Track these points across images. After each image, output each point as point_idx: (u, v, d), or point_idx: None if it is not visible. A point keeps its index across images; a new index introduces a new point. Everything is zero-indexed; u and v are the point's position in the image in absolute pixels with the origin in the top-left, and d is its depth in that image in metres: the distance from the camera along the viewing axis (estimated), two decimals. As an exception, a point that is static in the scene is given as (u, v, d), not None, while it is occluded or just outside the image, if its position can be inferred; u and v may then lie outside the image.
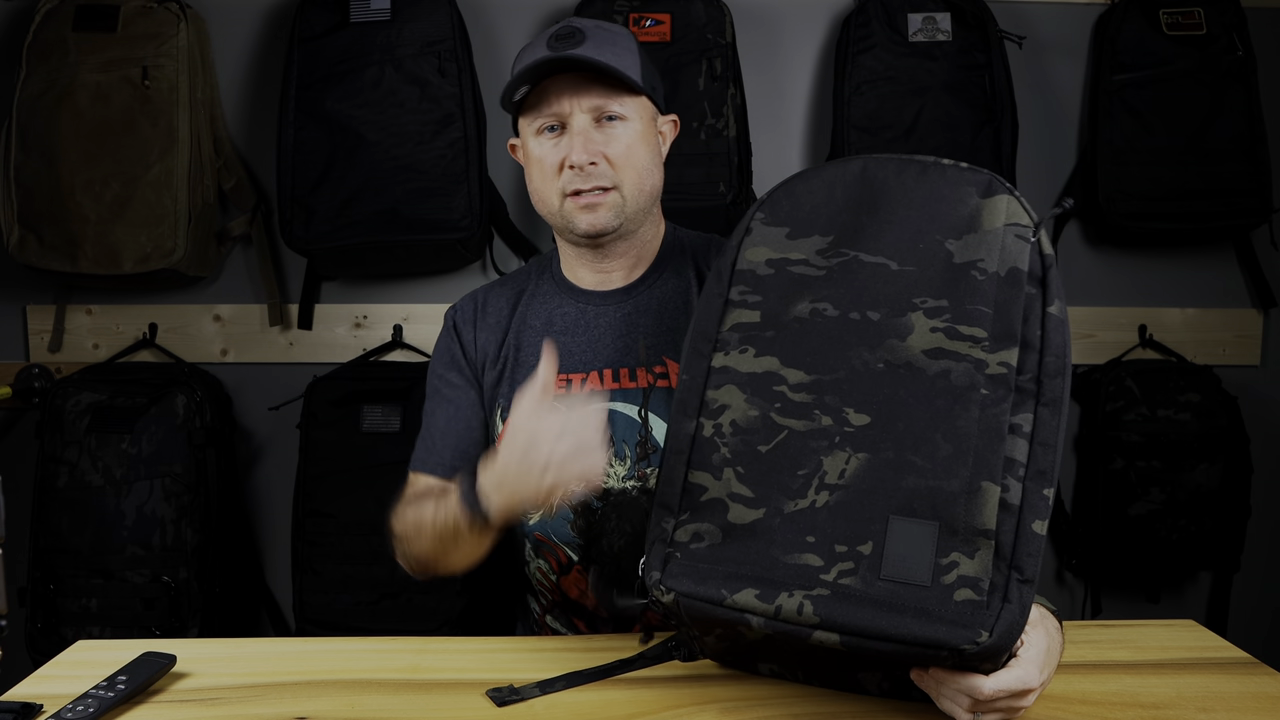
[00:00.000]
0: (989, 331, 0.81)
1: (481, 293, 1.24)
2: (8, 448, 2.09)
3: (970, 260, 0.83)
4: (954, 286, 0.83)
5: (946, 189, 0.86)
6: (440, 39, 1.88)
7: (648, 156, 1.12)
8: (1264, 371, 2.18)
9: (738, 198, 1.91)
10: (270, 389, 2.06)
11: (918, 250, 0.85)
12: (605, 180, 1.09)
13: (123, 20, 1.87)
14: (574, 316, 1.18)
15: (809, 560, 0.79)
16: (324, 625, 1.88)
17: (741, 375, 0.86)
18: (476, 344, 1.20)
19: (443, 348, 1.23)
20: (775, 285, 0.89)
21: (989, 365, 0.80)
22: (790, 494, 0.81)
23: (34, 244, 1.87)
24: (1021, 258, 0.82)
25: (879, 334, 0.83)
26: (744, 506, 0.82)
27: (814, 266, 0.88)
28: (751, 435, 0.84)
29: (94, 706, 0.84)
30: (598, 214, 1.10)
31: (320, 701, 0.89)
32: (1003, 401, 0.79)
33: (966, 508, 0.77)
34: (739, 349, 0.87)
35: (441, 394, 1.21)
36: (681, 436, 0.87)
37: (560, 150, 1.09)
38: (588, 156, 1.07)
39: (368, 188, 1.86)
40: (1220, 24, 1.98)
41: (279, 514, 2.09)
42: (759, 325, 0.88)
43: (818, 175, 0.91)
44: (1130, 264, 2.15)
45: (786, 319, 0.87)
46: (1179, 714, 0.86)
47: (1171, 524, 1.99)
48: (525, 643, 1.06)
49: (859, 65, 1.96)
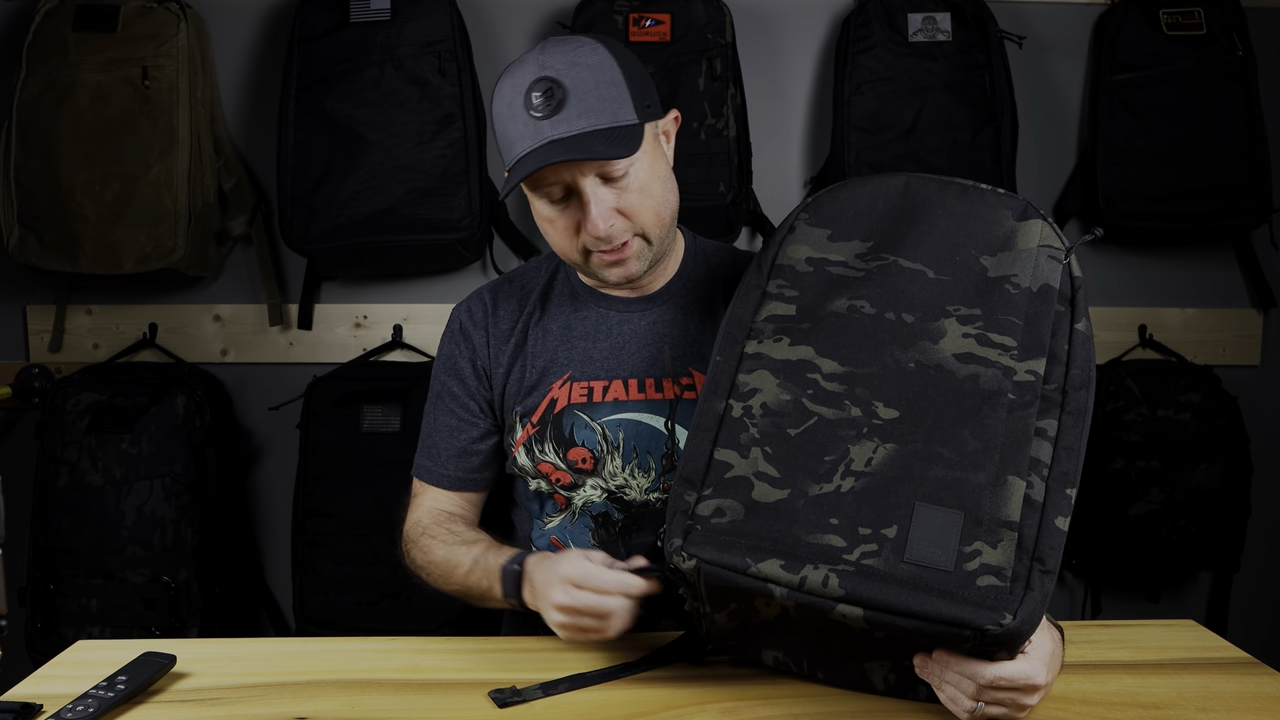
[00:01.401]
0: (1019, 341, 0.85)
1: (489, 294, 1.19)
2: (8, 448, 2.09)
3: (1004, 275, 0.88)
4: (987, 297, 0.87)
5: (985, 209, 0.92)
6: (440, 39, 1.88)
7: (661, 187, 1.05)
8: (1264, 371, 2.18)
9: (738, 198, 1.91)
10: (270, 389, 2.06)
11: (954, 262, 0.90)
12: (626, 235, 1.03)
13: (123, 20, 1.87)
14: (594, 321, 1.14)
15: (832, 540, 0.79)
16: (324, 625, 1.88)
17: (776, 361, 0.88)
18: (490, 350, 1.16)
19: (449, 352, 1.19)
20: (813, 282, 0.92)
21: (1017, 372, 0.84)
22: (816, 478, 0.82)
23: (34, 244, 1.87)
24: (1054, 276, 0.88)
25: (913, 335, 0.87)
26: (769, 485, 0.83)
27: (852, 268, 0.92)
28: (782, 418, 0.85)
29: (94, 706, 0.84)
30: (627, 266, 1.06)
31: (320, 701, 0.89)
32: (1029, 406, 0.82)
33: (992, 499, 0.79)
34: (774, 338, 0.90)
35: (444, 402, 1.19)
36: (709, 415, 0.88)
37: (572, 215, 1.03)
38: (604, 226, 1.01)
39: (368, 188, 1.86)
40: (1220, 24, 1.98)
41: (279, 514, 2.09)
42: (794, 318, 0.91)
43: (862, 185, 0.96)
44: (1130, 264, 2.15)
45: (824, 313, 0.90)
46: (1179, 714, 0.86)
47: (1171, 524, 1.99)
48: (526, 643, 1.06)
49: (859, 65, 1.96)
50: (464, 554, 1.08)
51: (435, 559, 1.12)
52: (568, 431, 1.11)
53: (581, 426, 1.11)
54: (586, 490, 1.12)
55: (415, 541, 1.16)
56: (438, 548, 1.12)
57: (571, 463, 1.11)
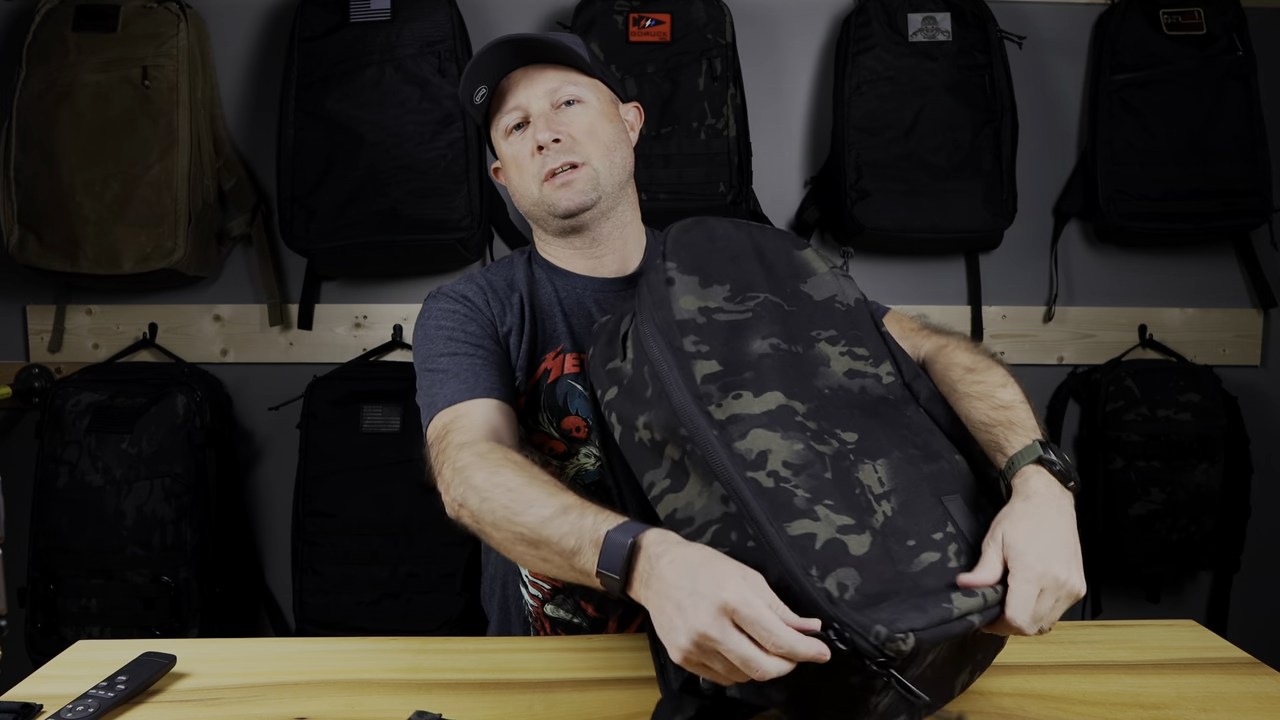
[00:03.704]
0: (870, 351, 0.91)
1: (478, 276, 1.18)
2: (8, 448, 2.09)
3: (828, 297, 0.93)
4: (830, 318, 0.91)
5: (775, 243, 0.97)
6: (440, 39, 1.88)
7: (612, 131, 1.14)
8: (1264, 371, 2.18)
9: (738, 198, 1.90)
10: (270, 389, 2.06)
11: (790, 292, 0.92)
12: (573, 155, 1.11)
13: (123, 20, 1.87)
14: (578, 298, 1.16)
15: (929, 559, 0.77)
16: (324, 625, 1.88)
17: (759, 417, 0.80)
18: (492, 311, 1.13)
19: (444, 321, 1.11)
20: (715, 332, 0.86)
21: (882, 377, 0.91)
22: (869, 511, 0.78)
23: (34, 244, 1.87)
24: (854, 290, 0.96)
25: (813, 363, 0.88)
26: (854, 535, 0.75)
27: (735, 311, 0.89)
28: (808, 466, 0.78)
29: (94, 706, 0.84)
30: (573, 189, 1.11)
31: (320, 701, 0.89)
32: (908, 401, 0.90)
33: (967, 478, 0.86)
34: (732, 395, 0.81)
35: (464, 350, 1.08)
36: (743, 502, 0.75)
37: (528, 141, 1.12)
38: (550, 134, 1.10)
39: (368, 188, 1.86)
40: (1220, 24, 1.98)
41: (279, 514, 2.09)
42: (728, 370, 0.83)
43: (694, 229, 0.95)
44: (1130, 264, 2.15)
45: (753, 358, 0.85)
46: (1179, 714, 0.86)
47: (1171, 524, 1.99)
48: (525, 643, 1.06)
49: (859, 65, 1.96)
50: (545, 495, 0.86)
51: (509, 483, 0.89)
52: (561, 400, 1.12)
53: (576, 395, 1.11)
54: (580, 459, 1.12)
55: (475, 461, 0.93)
56: (511, 472, 0.90)
57: (566, 431, 1.11)
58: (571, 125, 1.11)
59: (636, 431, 0.84)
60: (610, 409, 0.88)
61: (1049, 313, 2.14)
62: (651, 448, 0.84)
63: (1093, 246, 2.16)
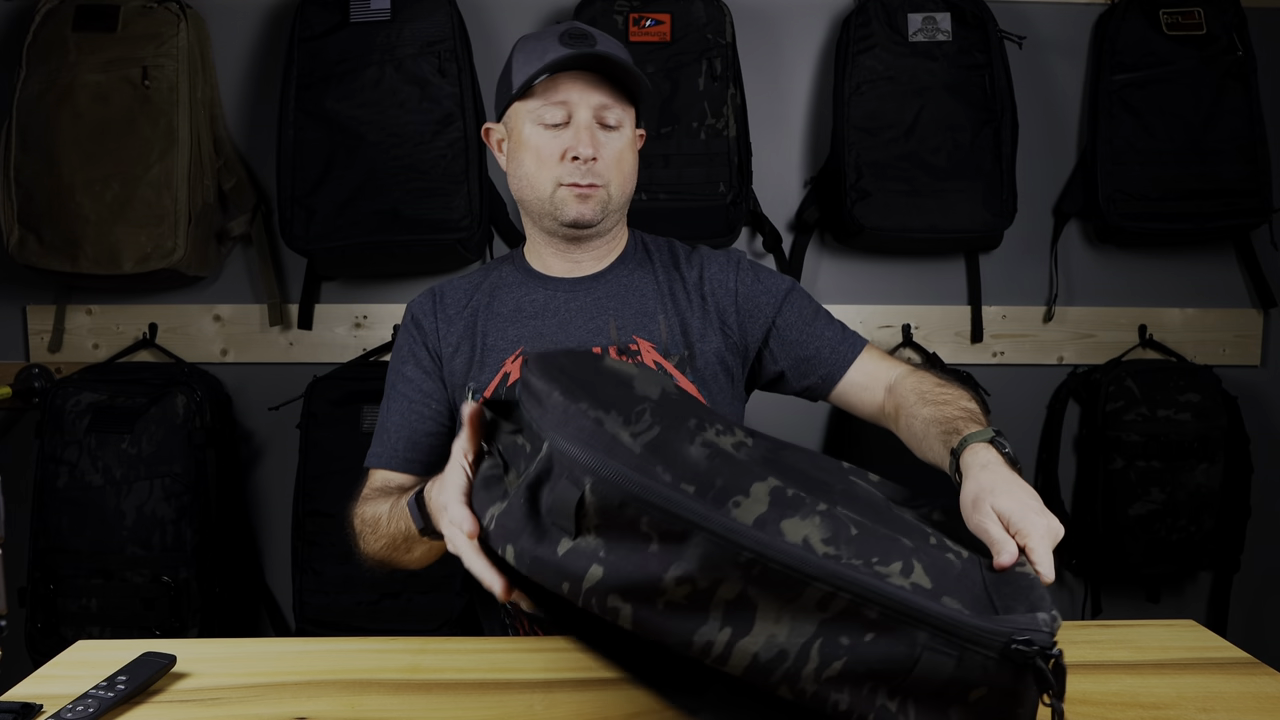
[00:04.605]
0: (722, 423, 0.81)
1: (439, 287, 1.28)
2: (8, 448, 2.10)
3: (662, 388, 0.80)
4: (671, 402, 0.79)
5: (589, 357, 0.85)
6: (440, 39, 1.88)
7: (632, 164, 1.21)
8: (1264, 371, 2.18)
9: (738, 198, 1.90)
10: (270, 389, 2.06)
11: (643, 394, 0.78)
12: (599, 179, 1.17)
13: (123, 20, 1.87)
14: (543, 302, 1.22)
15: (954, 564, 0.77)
16: (324, 625, 1.88)
17: (770, 511, 0.72)
18: (439, 333, 1.23)
19: (402, 343, 1.26)
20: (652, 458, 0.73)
21: (746, 443, 0.82)
22: (909, 551, 0.75)
23: (34, 244, 1.87)
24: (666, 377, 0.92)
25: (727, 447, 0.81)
26: (905, 576, 0.72)
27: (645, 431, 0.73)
28: (841, 531, 0.73)
29: (94, 706, 0.84)
30: (587, 205, 1.17)
31: (320, 701, 0.89)
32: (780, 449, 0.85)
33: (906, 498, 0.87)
34: (731, 502, 0.72)
35: (397, 389, 1.23)
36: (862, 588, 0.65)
37: (562, 142, 1.16)
38: (592, 151, 1.15)
39: (368, 188, 1.86)
40: (1220, 24, 1.98)
41: (279, 514, 2.10)
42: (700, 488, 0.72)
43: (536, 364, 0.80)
44: (1130, 264, 2.15)
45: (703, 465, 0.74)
46: (1179, 714, 0.86)
47: (1171, 524, 2.00)
48: (525, 643, 1.06)
49: (859, 65, 1.96)
50: (385, 506, 1.07)
51: (366, 519, 1.11)
52: None
53: None
54: None
55: (354, 519, 1.15)
56: (367, 510, 1.12)
57: None
58: (607, 149, 1.17)
59: (664, 595, 0.68)
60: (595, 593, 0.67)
61: (1049, 313, 2.14)
62: (691, 603, 0.67)
63: (1093, 246, 2.16)
